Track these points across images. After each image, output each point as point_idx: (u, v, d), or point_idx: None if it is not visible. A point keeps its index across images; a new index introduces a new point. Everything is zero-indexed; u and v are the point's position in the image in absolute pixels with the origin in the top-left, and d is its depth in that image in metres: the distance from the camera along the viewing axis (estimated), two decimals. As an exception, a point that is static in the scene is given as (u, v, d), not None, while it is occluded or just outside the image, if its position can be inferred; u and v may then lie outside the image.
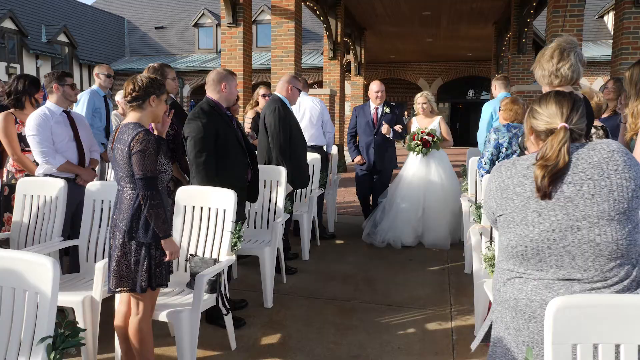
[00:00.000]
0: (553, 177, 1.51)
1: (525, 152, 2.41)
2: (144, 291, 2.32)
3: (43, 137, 3.46)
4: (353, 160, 5.59)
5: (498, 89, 5.42)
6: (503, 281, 1.65)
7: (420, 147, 5.24)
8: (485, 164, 3.96)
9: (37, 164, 3.57)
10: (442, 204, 5.24)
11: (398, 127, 5.31)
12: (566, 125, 1.56)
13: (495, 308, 1.69)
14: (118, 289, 2.34)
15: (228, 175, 3.27)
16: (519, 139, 2.53)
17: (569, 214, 1.50)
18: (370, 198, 5.78)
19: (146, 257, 2.30)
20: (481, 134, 5.31)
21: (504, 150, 3.90)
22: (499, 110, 4.15)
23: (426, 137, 5.20)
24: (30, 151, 3.61)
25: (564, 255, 1.52)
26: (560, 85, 2.72)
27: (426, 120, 5.44)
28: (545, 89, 2.81)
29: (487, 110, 5.27)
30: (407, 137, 5.31)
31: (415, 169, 5.35)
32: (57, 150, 3.53)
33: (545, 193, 1.52)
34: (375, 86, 5.47)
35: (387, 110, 5.36)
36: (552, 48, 2.71)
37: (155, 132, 2.53)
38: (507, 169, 1.65)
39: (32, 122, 3.47)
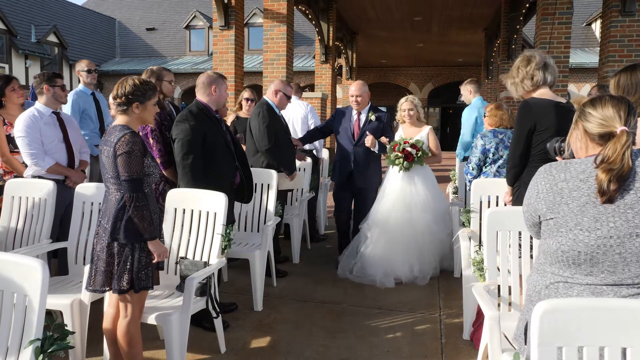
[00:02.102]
0: (619, 181, 1.48)
1: (557, 157, 2.43)
2: (123, 292, 2.30)
3: (32, 139, 3.43)
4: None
5: (473, 94, 5.48)
6: (545, 284, 1.64)
7: (401, 160, 4.28)
8: (472, 169, 4.01)
9: (26, 166, 3.54)
10: (427, 230, 4.29)
11: (384, 139, 4.35)
12: (627, 128, 1.54)
13: (532, 308, 1.67)
14: (100, 289, 2.33)
15: (215, 178, 3.27)
16: (555, 144, 2.57)
17: (629, 221, 1.49)
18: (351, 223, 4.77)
19: (129, 259, 2.29)
20: (465, 139, 5.35)
21: (490, 155, 3.95)
22: (484, 116, 4.20)
23: (409, 149, 4.26)
24: (18, 152, 3.58)
25: (618, 262, 1.51)
26: (535, 87, 2.77)
27: (412, 129, 4.53)
28: (525, 95, 2.86)
29: (471, 115, 5.31)
30: (388, 147, 4.37)
31: (397, 188, 4.41)
32: (46, 152, 3.50)
33: (610, 197, 1.49)
34: (352, 88, 4.47)
35: (373, 117, 4.42)
36: (518, 61, 2.83)
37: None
38: (559, 172, 1.61)
39: (21, 123, 3.44)
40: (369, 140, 4.30)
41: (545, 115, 2.67)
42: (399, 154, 4.29)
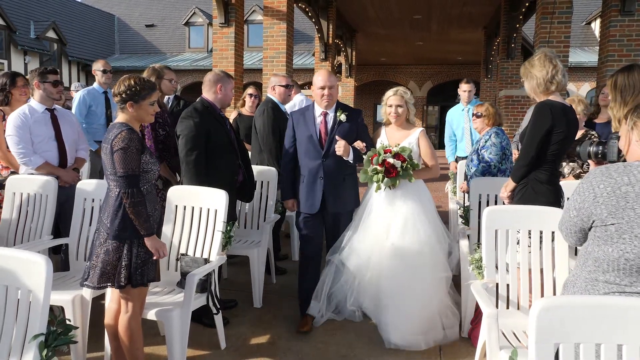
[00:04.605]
0: None
1: (591, 162, 2.39)
2: (121, 288, 2.33)
3: (20, 137, 3.41)
4: (283, 201, 3.57)
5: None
6: (600, 295, 1.58)
7: (380, 175, 3.17)
8: (494, 168, 3.92)
9: None
10: (412, 280, 3.10)
11: (360, 144, 3.23)
12: None
13: None
14: (99, 285, 2.35)
15: (218, 175, 3.29)
16: (590, 147, 2.55)
17: None
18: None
19: (127, 255, 2.32)
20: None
21: (507, 152, 3.99)
22: (480, 115, 4.13)
23: (391, 160, 3.15)
24: None
25: None
26: (556, 91, 2.79)
27: (400, 133, 3.42)
28: (540, 97, 2.85)
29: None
30: (365, 157, 3.28)
31: (378, 215, 3.29)
32: (35, 150, 3.47)
33: None
34: (319, 78, 3.28)
35: (342, 116, 3.27)
36: (541, 58, 2.78)
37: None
38: (620, 175, 1.54)
39: (10, 121, 3.44)
40: (340, 146, 3.17)
41: (560, 117, 2.69)
42: (378, 168, 3.18)
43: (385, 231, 3.23)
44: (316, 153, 3.29)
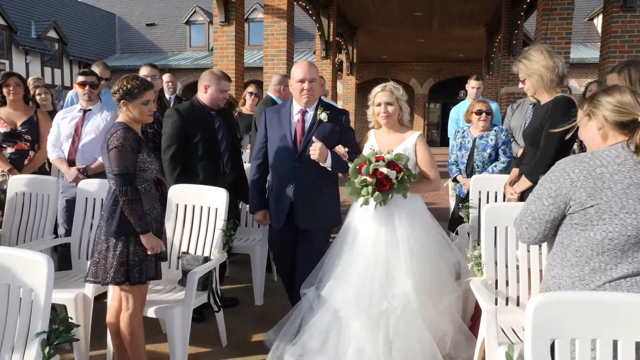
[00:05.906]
0: None
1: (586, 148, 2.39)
2: (119, 284, 2.35)
3: (51, 133, 3.67)
4: (253, 214, 3.16)
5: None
6: (589, 290, 1.60)
7: (370, 189, 2.54)
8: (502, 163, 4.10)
9: (10, 162, 3.78)
10: (418, 310, 2.50)
11: (341, 149, 2.73)
12: None
13: None
14: (95, 280, 2.38)
15: (196, 173, 3.29)
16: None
17: None
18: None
19: (124, 252, 2.34)
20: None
21: None
22: (491, 113, 4.16)
23: (384, 170, 2.54)
24: (5, 148, 3.80)
25: None
26: (565, 84, 2.80)
27: (393, 137, 2.84)
28: (546, 94, 2.82)
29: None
30: (351, 167, 2.62)
31: (366, 237, 2.66)
32: (59, 146, 3.66)
33: None
34: (298, 71, 2.88)
35: (323, 115, 2.86)
36: (544, 53, 2.75)
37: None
38: (591, 159, 1.61)
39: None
40: (315, 148, 2.72)
41: (576, 112, 2.70)
42: (368, 179, 2.54)
43: (375, 260, 2.57)
44: (288, 155, 2.86)
